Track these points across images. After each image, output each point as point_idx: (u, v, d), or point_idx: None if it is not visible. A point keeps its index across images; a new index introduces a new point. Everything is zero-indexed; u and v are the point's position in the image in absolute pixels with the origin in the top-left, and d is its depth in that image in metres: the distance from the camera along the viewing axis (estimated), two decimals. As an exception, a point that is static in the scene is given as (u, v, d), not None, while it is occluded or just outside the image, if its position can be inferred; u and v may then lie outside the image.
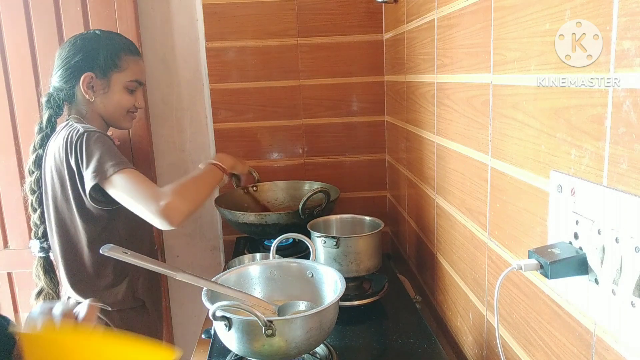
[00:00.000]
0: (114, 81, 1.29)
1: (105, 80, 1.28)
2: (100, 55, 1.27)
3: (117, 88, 1.30)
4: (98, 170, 1.15)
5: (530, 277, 0.74)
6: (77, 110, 1.30)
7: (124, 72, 1.30)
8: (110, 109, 1.31)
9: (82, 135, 1.17)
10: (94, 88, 1.28)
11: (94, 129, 1.21)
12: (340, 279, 0.95)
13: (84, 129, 1.19)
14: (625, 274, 0.51)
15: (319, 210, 1.44)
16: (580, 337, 0.62)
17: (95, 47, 1.28)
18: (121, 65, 1.30)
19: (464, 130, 0.98)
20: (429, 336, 1.08)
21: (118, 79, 1.30)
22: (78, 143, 1.17)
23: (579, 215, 0.59)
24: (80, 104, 1.30)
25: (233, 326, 0.83)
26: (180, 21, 1.75)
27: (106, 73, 1.28)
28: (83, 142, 1.17)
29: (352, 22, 1.74)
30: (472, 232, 0.97)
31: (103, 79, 1.28)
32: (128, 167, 1.17)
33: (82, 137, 1.17)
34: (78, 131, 1.18)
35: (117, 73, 1.29)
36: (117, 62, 1.29)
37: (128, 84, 1.31)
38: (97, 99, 1.29)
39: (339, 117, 1.80)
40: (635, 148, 0.49)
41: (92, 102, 1.29)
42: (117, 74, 1.29)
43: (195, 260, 1.90)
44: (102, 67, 1.27)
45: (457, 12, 0.98)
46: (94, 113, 1.31)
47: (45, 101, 1.30)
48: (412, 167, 1.44)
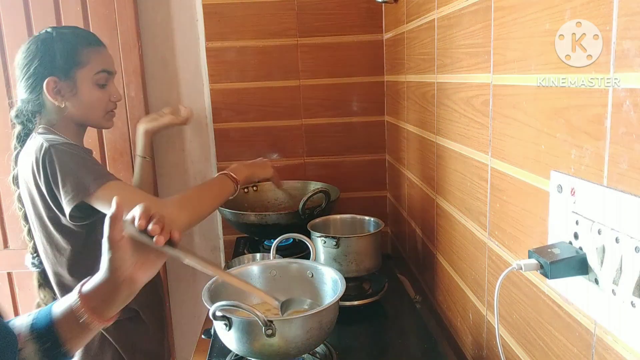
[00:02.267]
0: (80, 79, 1.19)
1: (71, 81, 1.18)
2: (57, 55, 1.17)
3: (86, 86, 1.20)
4: (78, 188, 1.07)
5: (530, 277, 0.74)
6: (47, 120, 1.20)
7: (87, 66, 1.20)
8: (84, 111, 1.21)
9: (47, 151, 1.08)
10: (61, 92, 1.18)
11: (61, 141, 1.12)
12: (340, 279, 0.95)
13: (49, 142, 1.09)
14: (625, 274, 0.51)
15: (319, 210, 1.44)
16: (580, 337, 0.62)
17: (50, 49, 1.17)
18: (82, 60, 1.19)
19: (464, 130, 0.98)
20: (429, 336, 1.08)
21: (83, 76, 1.19)
22: (46, 160, 1.08)
23: (579, 215, 0.59)
24: (51, 113, 1.20)
25: (233, 326, 0.84)
26: (180, 21, 1.75)
27: (69, 73, 1.18)
28: (53, 158, 1.07)
29: (352, 22, 1.74)
30: (472, 232, 0.97)
31: (68, 80, 1.18)
32: (110, 179, 1.09)
33: (49, 153, 1.08)
34: (42, 146, 1.09)
35: (80, 70, 1.19)
36: (76, 58, 1.18)
37: (96, 77, 1.21)
38: (68, 104, 1.19)
39: (339, 117, 1.80)
40: (635, 148, 0.49)
41: (63, 107, 1.19)
42: (81, 71, 1.19)
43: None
44: (63, 67, 1.17)
45: (457, 12, 0.98)
46: (65, 120, 1.21)
47: (14, 116, 1.21)
48: (412, 167, 1.44)
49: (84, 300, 0.71)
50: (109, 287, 0.72)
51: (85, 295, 0.72)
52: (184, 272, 1.88)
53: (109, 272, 0.71)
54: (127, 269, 0.71)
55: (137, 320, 1.30)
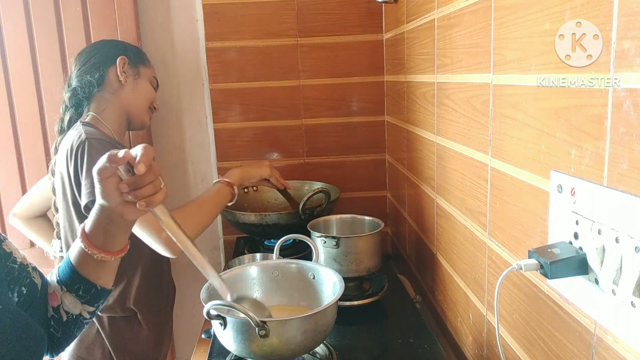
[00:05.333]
0: (142, 72, 1.36)
1: (136, 70, 1.34)
2: (129, 49, 1.35)
3: (145, 79, 1.36)
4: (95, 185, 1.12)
5: (530, 277, 0.74)
6: (97, 105, 1.28)
7: (149, 69, 1.39)
8: (137, 98, 1.34)
9: (83, 143, 1.14)
10: (126, 73, 1.31)
11: (98, 137, 1.17)
12: (339, 280, 0.94)
13: (87, 134, 1.15)
14: (625, 274, 0.51)
15: (319, 210, 1.44)
16: (580, 337, 0.62)
17: (122, 44, 1.36)
18: (146, 62, 1.38)
19: (464, 130, 0.98)
20: (429, 336, 1.08)
21: (145, 72, 1.37)
22: (79, 151, 1.14)
23: (579, 215, 0.59)
24: (105, 95, 1.29)
25: (228, 325, 0.83)
26: (180, 21, 1.75)
27: (136, 63, 1.34)
28: (84, 150, 1.13)
29: (352, 22, 1.74)
30: (472, 232, 0.97)
31: (134, 68, 1.34)
32: None
33: (83, 145, 1.13)
34: (80, 136, 1.15)
35: (143, 67, 1.37)
36: (142, 58, 1.38)
37: (152, 79, 1.39)
38: (128, 86, 1.31)
39: (339, 117, 1.80)
40: (635, 148, 0.49)
41: (121, 89, 1.31)
42: (144, 68, 1.37)
43: (195, 260, 1.90)
44: (133, 57, 1.34)
45: (457, 12, 0.98)
46: (115, 107, 1.30)
47: (67, 98, 1.30)
48: (412, 167, 1.44)
49: (87, 239, 0.76)
50: (103, 220, 0.75)
51: (87, 234, 0.76)
52: (184, 272, 1.88)
53: (99, 205, 0.73)
54: (115, 203, 0.72)
55: (133, 321, 1.30)
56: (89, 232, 0.77)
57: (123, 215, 0.73)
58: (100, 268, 0.79)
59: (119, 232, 0.77)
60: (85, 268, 0.79)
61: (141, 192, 0.70)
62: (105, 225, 0.75)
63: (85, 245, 0.76)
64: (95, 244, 0.76)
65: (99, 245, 0.76)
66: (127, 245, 0.80)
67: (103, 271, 0.80)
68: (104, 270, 0.80)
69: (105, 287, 0.81)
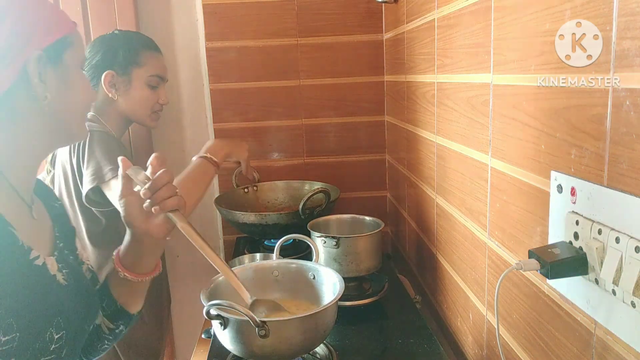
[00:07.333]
0: (135, 77, 1.31)
1: (127, 78, 1.30)
2: (119, 52, 1.29)
3: (139, 84, 1.32)
4: (97, 173, 1.15)
5: (530, 277, 0.74)
6: (97, 108, 1.30)
7: (144, 67, 1.32)
8: (133, 107, 1.32)
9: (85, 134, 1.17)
10: (115, 86, 1.29)
11: (100, 129, 1.21)
12: (339, 281, 0.94)
13: (90, 128, 1.18)
14: (625, 274, 0.51)
15: (319, 210, 1.44)
16: (580, 337, 0.62)
17: (113, 46, 1.30)
18: (140, 61, 1.31)
19: (464, 130, 0.98)
20: (429, 336, 1.08)
21: (139, 75, 1.31)
22: (81, 142, 1.17)
23: (579, 215, 0.59)
24: (103, 103, 1.30)
25: (228, 325, 0.83)
26: (180, 21, 1.75)
27: (126, 70, 1.30)
28: (86, 142, 1.17)
29: (352, 22, 1.74)
30: (472, 232, 0.97)
31: (124, 76, 1.30)
32: None
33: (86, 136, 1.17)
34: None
35: (137, 69, 1.31)
36: (136, 58, 1.31)
37: (149, 79, 1.33)
38: (120, 98, 1.30)
39: (339, 117, 1.80)
40: (635, 148, 0.49)
41: (115, 100, 1.30)
42: (138, 70, 1.31)
43: (195, 260, 1.90)
44: (122, 64, 1.29)
45: (457, 12, 0.98)
46: (114, 112, 1.32)
47: None
48: (412, 167, 1.44)
49: (117, 258, 0.79)
50: (132, 242, 0.78)
51: (118, 254, 0.79)
52: (184, 272, 1.88)
53: (127, 228, 0.77)
54: (140, 223, 0.75)
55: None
56: (120, 253, 0.79)
57: (149, 233, 0.75)
58: (123, 287, 0.81)
59: (147, 253, 0.79)
60: (111, 283, 0.82)
61: (156, 195, 0.73)
62: (134, 248, 0.78)
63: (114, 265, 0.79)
64: (124, 263, 0.79)
65: (127, 265, 0.79)
66: (156, 268, 0.82)
67: (126, 291, 0.82)
68: (126, 290, 0.82)
69: (125, 306, 0.83)
